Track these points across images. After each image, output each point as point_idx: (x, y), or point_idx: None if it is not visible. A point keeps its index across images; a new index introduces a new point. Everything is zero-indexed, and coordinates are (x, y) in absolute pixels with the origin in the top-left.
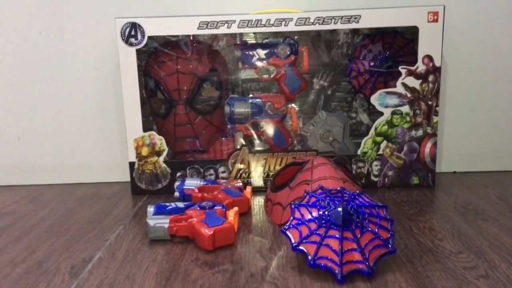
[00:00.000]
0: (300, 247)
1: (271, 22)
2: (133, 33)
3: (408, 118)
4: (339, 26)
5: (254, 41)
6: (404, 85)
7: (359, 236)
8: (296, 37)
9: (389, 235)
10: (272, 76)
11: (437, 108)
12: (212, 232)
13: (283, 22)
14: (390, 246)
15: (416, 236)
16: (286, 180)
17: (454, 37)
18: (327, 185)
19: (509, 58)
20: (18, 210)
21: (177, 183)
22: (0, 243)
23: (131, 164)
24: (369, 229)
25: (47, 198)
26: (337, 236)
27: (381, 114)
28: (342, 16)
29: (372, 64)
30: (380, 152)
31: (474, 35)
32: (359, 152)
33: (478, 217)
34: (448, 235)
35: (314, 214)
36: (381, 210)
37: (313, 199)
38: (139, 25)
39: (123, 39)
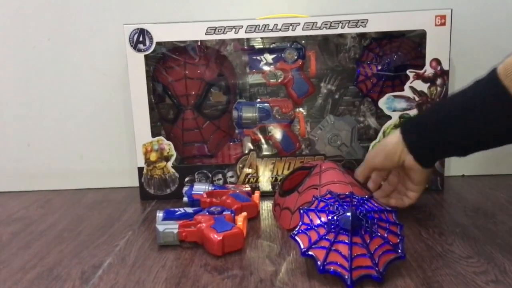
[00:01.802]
0: (309, 252)
1: (278, 27)
2: (141, 39)
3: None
4: (346, 30)
5: (261, 46)
6: (412, 88)
7: (368, 241)
8: (303, 41)
9: (398, 240)
10: (279, 81)
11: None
12: (221, 238)
13: (290, 27)
14: (399, 251)
15: (426, 240)
16: (294, 185)
17: (462, 40)
18: (335, 190)
19: None
20: (28, 216)
21: (185, 188)
22: (11, 249)
23: (140, 170)
24: (379, 234)
25: (57, 203)
26: (346, 241)
27: (389, 118)
28: (349, 21)
29: (379, 68)
30: None
31: (482, 38)
32: None
33: (487, 221)
34: (457, 240)
35: (323, 219)
36: (390, 214)
37: (321, 204)
38: (147, 31)
39: (131, 45)
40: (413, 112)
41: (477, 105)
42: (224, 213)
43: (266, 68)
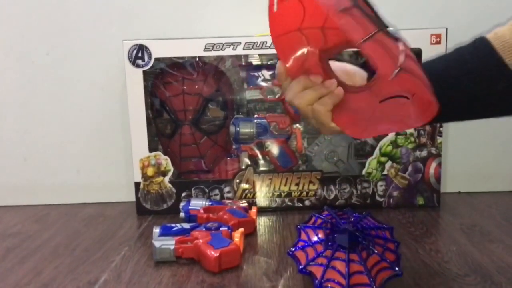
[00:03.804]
0: (307, 270)
1: None
2: (140, 54)
3: (412, 139)
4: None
5: (259, 62)
6: None
7: (365, 258)
8: None
9: (395, 257)
10: (277, 97)
11: (441, 129)
12: (218, 254)
13: None
14: (396, 268)
15: (423, 258)
16: None
17: None
18: None
19: None
20: (24, 230)
21: (182, 204)
22: (6, 265)
23: (137, 184)
24: (376, 251)
25: (53, 218)
26: (343, 258)
27: (386, 134)
28: None
29: None
30: (385, 172)
31: None
32: (364, 172)
33: (484, 239)
34: (454, 257)
35: (321, 236)
36: (387, 232)
37: (319, 221)
38: (146, 47)
39: (130, 61)
40: (409, 129)
41: (468, 69)
42: (221, 229)
43: (263, 84)
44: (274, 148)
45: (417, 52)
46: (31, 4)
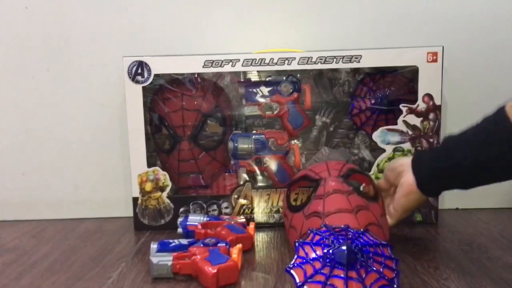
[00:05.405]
0: (305, 287)
1: (274, 61)
2: (139, 71)
3: (410, 155)
4: (340, 65)
5: (257, 79)
6: (405, 122)
7: (364, 275)
8: (298, 75)
9: (394, 275)
10: (275, 113)
11: (438, 146)
12: (216, 270)
13: (286, 61)
14: (395, 286)
15: (421, 275)
16: (301, 200)
17: (454, 76)
18: (339, 221)
19: (508, 96)
20: (21, 245)
21: (180, 219)
22: (3, 281)
23: (135, 200)
24: (374, 268)
25: (50, 233)
26: (342, 275)
27: (383, 151)
28: (344, 56)
29: (373, 101)
30: None
31: (473, 74)
32: (361, 188)
33: (482, 256)
34: (452, 275)
35: (319, 252)
36: (385, 249)
37: (317, 237)
38: (146, 64)
39: (130, 77)
40: (407, 145)
41: (483, 134)
42: (219, 245)
43: (262, 100)
44: (272, 164)
45: (414, 70)
46: (31, 20)
